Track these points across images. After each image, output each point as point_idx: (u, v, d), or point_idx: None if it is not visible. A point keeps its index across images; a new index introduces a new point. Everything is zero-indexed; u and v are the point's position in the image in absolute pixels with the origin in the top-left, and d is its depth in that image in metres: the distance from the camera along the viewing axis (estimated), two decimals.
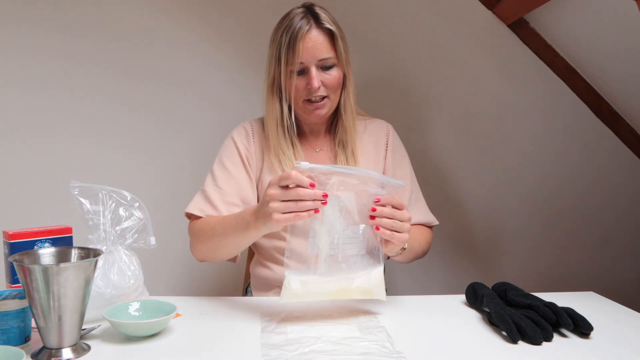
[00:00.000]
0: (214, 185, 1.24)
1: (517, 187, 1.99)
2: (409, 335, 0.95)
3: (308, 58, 1.18)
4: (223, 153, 1.29)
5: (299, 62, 1.18)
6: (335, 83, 1.21)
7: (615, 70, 1.79)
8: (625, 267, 2.05)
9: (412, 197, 1.31)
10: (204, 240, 1.17)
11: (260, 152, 1.28)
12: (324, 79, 1.20)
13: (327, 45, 1.19)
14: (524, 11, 1.76)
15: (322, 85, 1.20)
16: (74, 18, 1.78)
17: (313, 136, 1.32)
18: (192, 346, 0.90)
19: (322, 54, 1.18)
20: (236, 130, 1.32)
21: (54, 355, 0.83)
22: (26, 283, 0.81)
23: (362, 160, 1.28)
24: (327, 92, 1.21)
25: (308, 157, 1.28)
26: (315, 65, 1.19)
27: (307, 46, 1.17)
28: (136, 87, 1.83)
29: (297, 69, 1.19)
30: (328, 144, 1.31)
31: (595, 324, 0.95)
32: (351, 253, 1.00)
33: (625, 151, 1.99)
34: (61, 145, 1.81)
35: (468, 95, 1.94)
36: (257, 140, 1.29)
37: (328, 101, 1.22)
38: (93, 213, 1.03)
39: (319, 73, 1.19)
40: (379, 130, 1.34)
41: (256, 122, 1.34)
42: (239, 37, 1.85)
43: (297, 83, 1.20)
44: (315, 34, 1.18)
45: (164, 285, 1.84)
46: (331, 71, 1.21)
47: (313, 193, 0.94)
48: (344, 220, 0.98)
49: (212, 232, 1.15)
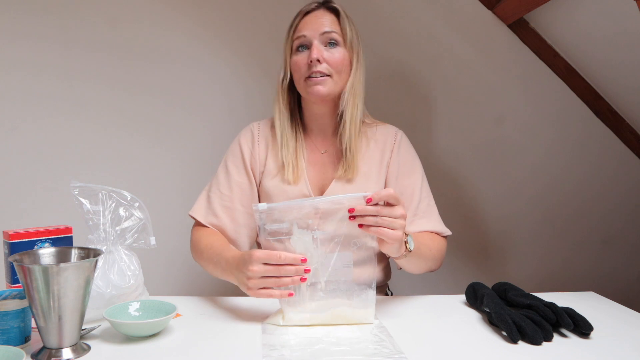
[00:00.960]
0: (216, 190, 1.26)
1: (516, 187, 1.99)
2: (409, 335, 0.95)
3: (310, 32, 1.18)
4: (228, 156, 1.29)
5: (301, 35, 1.19)
6: (338, 62, 1.19)
7: (615, 71, 1.79)
8: (625, 267, 2.04)
9: (421, 207, 1.25)
10: (197, 254, 1.21)
11: (264, 155, 1.27)
12: (327, 56, 1.18)
13: (332, 22, 1.19)
14: (524, 11, 1.76)
15: (325, 62, 1.18)
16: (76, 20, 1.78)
17: (320, 137, 1.29)
18: (192, 346, 0.90)
19: (325, 27, 1.18)
20: (243, 133, 1.31)
21: (54, 355, 0.83)
22: (26, 283, 0.81)
23: (362, 165, 1.24)
24: (329, 71, 1.18)
25: (312, 157, 1.27)
26: (318, 39, 1.18)
27: (310, 20, 1.19)
28: (137, 87, 1.83)
29: (299, 43, 1.19)
30: (334, 147, 1.27)
31: (595, 324, 0.95)
32: (333, 279, 0.98)
33: (625, 151, 1.99)
34: (61, 145, 1.81)
35: (467, 95, 1.93)
36: (263, 142, 1.28)
37: (330, 80, 1.19)
38: (93, 213, 1.03)
39: (321, 47, 1.18)
40: (386, 136, 1.29)
41: (264, 123, 1.32)
42: (242, 36, 1.85)
43: (299, 59, 1.20)
44: (321, 12, 1.20)
45: (164, 285, 1.83)
46: (335, 50, 1.19)
47: (295, 270, 0.94)
48: (321, 250, 0.97)
49: (202, 253, 1.17)
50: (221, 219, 1.23)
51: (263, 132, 1.30)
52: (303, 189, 1.22)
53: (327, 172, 1.25)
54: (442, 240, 1.25)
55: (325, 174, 1.25)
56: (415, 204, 1.25)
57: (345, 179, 1.22)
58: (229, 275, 1.05)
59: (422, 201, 1.26)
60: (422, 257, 1.12)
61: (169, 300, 1.01)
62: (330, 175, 1.24)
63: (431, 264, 1.18)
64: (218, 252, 1.11)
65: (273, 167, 1.25)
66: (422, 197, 1.26)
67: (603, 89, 1.90)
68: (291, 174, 1.22)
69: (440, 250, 1.22)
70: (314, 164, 1.26)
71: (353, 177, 1.22)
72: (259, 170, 1.27)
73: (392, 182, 1.26)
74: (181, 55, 1.84)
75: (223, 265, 1.07)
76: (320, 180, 1.25)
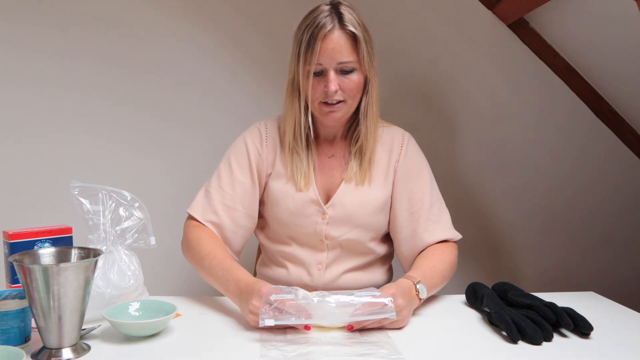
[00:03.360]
0: (217, 187, 1.23)
1: (516, 187, 1.99)
2: (409, 336, 0.95)
3: (327, 60, 1.12)
4: (232, 153, 1.26)
5: (318, 62, 1.12)
6: (353, 88, 1.15)
7: (615, 70, 1.79)
8: (625, 267, 2.05)
9: (433, 211, 1.23)
10: (192, 256, 1.18)
11: (272, 157, 1.25)
12: (343, 83, 1.14)
13: (349, 49, 1.12)
14: (524, 11, 1.76)
15: (339, 89, 1.14)
16: (74, 15, 1.78)
17: (328, 141, 1.27)
18: (192, 346, 0.90)
19: (343, 57, 1.12)
20: (250, 132, 1.28)
21: (54, 355, 0.83)
22: (26, 283, 0.81)
23: (374, 171, 1.23)
24: (344, 97, 1.15)
25: (320, 162, 1.25)
26: (334, 69, 1.12)
27: (327, 47, 1.11)
28: (137, 86, 1.83)
29: (316, 70, 1.13)
30: (342, 151, 1.26)
31: (595, 324, 0.95)
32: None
33: (625, 151, 1.99)
34: (61, 145, 1.81)
35: (467, 95, 1.94)
36: (271, 144, 1.26)
37: (344, 105, 1.16)
38: (93, 213, 1.03)
39: (337, 76, 1.13)
40: (393, 139, 1.27)
41: (271, 124, 1.29)
42: (243, 35, 1.85)
43: (314, 84, 1.14)
44: (337, 35, 1.11)
45: (164, 285, 1.83)
46: (351, 75, 1.14)
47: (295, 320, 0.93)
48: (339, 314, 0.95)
49: (202, 259, 1.14)
50: (221, 217, 1.20)
51: (271, 133, 1.27)
52: (311, 194, 1.21)
53: (335, 175, 1.24)
54: (452, 251, 1.23)
55: (333, 177, 1.24)
56: (427, 207, 1.23)
57: (355, 181, 1.22)
58: (232, 296, 1.05)
59: (433, 205, 1.24)
60: (437, 286, 1.14)
61: (169, 300, 1.02)
62: (338, 178, 1.24)
63: (447, 280, 1.18)
64: (224, 268, 1.09)
65: (282, 171, 1.24)
66: (434, 202, 1.24)
67: (603, 89, 1.90)
68: (302, 181, 1.21)
69: (451, 263, 1.20)
70: (322, 168, 1.25)
71: (363, 182, 1.22)
72: (265, 172, 1.25)
73: (400, 186, 1.24)
74: (181, 56, 1.84)
75: (230, 286, 1.05)
76: (327, 184, 1.24)
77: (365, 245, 1.24)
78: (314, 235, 1.22)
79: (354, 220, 1.21)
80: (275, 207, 1.23)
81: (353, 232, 1.22)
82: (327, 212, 1.21)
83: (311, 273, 1.24)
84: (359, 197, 1.21)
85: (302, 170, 1.21)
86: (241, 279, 1.04)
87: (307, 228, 1.22)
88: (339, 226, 1.22)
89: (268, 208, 1.26)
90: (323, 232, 1.22)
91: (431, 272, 1.12)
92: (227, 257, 1.12)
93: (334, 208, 1.21)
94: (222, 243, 1.19)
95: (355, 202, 1.21)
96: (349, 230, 1.22)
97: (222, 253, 1.14)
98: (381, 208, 1.23)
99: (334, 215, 1.21)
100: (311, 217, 1.21)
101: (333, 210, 1.21)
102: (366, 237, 1.24)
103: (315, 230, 1.22)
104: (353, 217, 1.21)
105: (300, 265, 1.25)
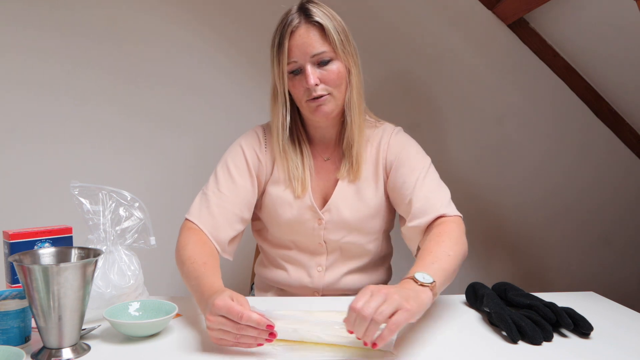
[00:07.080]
0: (215, 189, 1.20)
1: (516, 187, 1.99)
2: (408, 335, 0.94)
3: (300, 55, 1.11)
4: (229, 157, 1.23)
5: (292, 60, 1.12)
6: (335, 78, 1.13)
7: (615, 70, 1.79)
8: (625, 267, 2.04)
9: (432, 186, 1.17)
10: (178, 260, 1.11)
11: (271, 162, 1.24)
12: (322, 75, 1.12)
13: (319, 40, 1.11)
14: (524, 11, 1.76)
15: (321, 82, 1.12)
16: (75, 21, 1.78)
17: (323, 144, 1.26)
18: (192, 346, 0.90)
19: (314, 49, 1.11)
20: (247, 137, 1.26)
21: (54, 355, 0.83)
22: (26, 283, 0.81)
23: (363, 169, 1.22)
24: (327, 90, 1.13)
25: (316, 165, 1.24)
26: (311, 62, 1.11)
27: (297, 43, 1.11)
28: (136, 88, 1.83)
29: (292, 68, 1.13)
30: (337, 153, 1.25)
31: (595, 324, 0.95)
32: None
33: (625, 151, 1.99)
34: (61, 146, 1.81)
35: (467, 95, 1.94)
36: (269, 149, 1.24)
37: (331, 98, 1.14)
38: (93, 213, 1.03)
39: (315, 70, 1.12)
40: (381, 137, 1.24)
41: (268, 128, 1.27)
42: (240, 38, 1.85)
43: (296, 83, 1.14)
44: (304, 29, 1.11)
45: (164, 285, 1.83)
46: (329, 66, 1.12)
47: (256, 333, 0.84)
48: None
49: (183, 263, 1.07)
50: (217, 220, 1.16)
51: (269, 137, 1.25)
52: (307, 201, 1.21)
53: (331, 178, 1.24)
54: (458, 235, 1.09)
55: (329, 181, 1.24)
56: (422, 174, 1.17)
57: (348, 179, 1.21)
58: (200, 306, 0.97)
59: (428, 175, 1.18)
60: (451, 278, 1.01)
61: (169, 300, 1.01)
62: (333, 181, 1.23)
63: (461, 260, 1.07)
64: (197, 275, 1.00)
65: (281, 177, 1.22)
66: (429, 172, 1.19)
67: (603, 88, 1.90)
68: (299, 187, 1.20)
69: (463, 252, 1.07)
70: (318, 172, 1.24)
71: (355, 180, 1.21)
72: (264, 176, 1.24)
73: (393, 175, 1.20)
74: (181, 60, 1.84)
75: (197, 295, 0.98)
76: (324, 187, 1.24)
77: (365, 247, 1.24)
78: (313, 240, 1.22)
79: (349, 224, 1.21)
80: (273, 214, 1.23)
81: (350, 235, 1.22)
82: (323, 217, 1.21)
83: (311, 275, 1.23)
84: (352, 202, 1.21)
85: (299, 176, 1.20)
86: (205, 290, 0.95)
87: (306, 233, 1.22)
88: (336, 230, 1.21)
89: (266, 213, 1.25)
90: (321, 236, 1.22)
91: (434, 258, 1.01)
92: (205, 264, 1.03)
93: (329, 213, 1.21)
94: (209, 249, 1.12)
95: (348, 207, 1.20)
96: (346, 234, 1.22)
97: (202, 259, 1.05)
98: (374, 214, 1.22)
99: (330, 220, 1.21)
100: (308, 222, 1.21)
101: (329, 215, 1.21)
102: (364, 240, 1.24)
103: (313, 235, 1.22)
104: (348, 222, 1.21)
105: (300, 267, 1.25)
